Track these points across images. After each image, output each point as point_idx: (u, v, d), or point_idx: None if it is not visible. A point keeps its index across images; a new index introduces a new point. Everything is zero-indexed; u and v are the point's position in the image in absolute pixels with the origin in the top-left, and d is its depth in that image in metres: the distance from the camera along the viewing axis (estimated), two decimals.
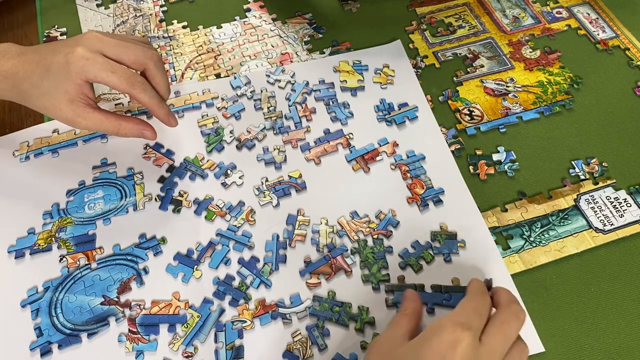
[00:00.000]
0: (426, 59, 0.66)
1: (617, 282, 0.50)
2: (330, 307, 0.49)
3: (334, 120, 0.61)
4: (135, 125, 0.53)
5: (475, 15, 0.71)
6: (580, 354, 0.46)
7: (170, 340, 0.47)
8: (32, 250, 0.52)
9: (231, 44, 0.69)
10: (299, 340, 0.47)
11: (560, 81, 0.64)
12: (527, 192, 0.55)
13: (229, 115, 0.61)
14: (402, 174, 0.57)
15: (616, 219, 0.53)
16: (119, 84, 0.49)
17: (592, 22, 0.69)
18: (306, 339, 0.47)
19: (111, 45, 0.50)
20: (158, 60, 0.52)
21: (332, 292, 0.49)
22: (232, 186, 0.56)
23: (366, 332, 0.47)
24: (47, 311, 0.49)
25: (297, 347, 0.47)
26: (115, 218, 0.54)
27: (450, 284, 0.49)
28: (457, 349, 0.35)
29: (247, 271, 0.51)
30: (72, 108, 0.50)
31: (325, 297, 0.49)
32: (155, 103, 0.52)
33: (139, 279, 0.50)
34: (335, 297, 0.49)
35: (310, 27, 0.70)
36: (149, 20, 0.71)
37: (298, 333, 0.47)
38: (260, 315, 0.48)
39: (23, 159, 0.58)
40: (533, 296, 0.49)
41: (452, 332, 0.36)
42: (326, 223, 0.53)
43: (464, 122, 0.61)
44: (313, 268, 0.51)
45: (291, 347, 0.47)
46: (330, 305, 0.49)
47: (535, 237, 0.52)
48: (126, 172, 0.57)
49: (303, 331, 0.48)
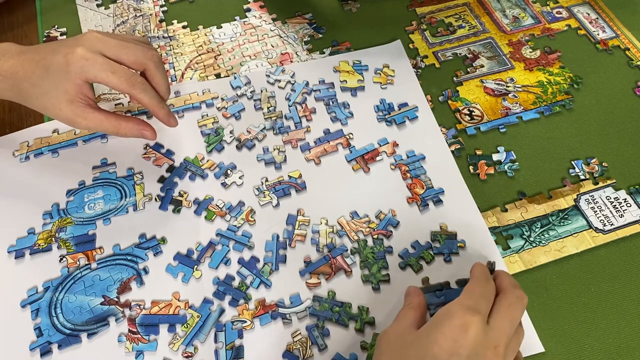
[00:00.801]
0: (426, 59, 0.66)
1: (617, 282, 0.50)
2: (330, 307, 0.49)
3: (334, 120, 0.61)
4: (135, 126, 0.52)
5: (475, 15, 0.71)
6: (580, 354, 0.46)
7: (170, 340, 0.47)
8: (32, 250, 0.52)
9: (231, 44, 0.69)
10: (298, 340, 0.47)
11: (560, 81, 0.64)
12: (527, 192, 0.55)
13: (229, 115, 0.61)
14: (402, 174, 0.57)
15: (616, 219, 0.53)
16: (119, 84, 0.49)
17: (592, 22, 0.69)
18: (306, 339, 0.47)
19: (111, 45, 0.50)
20: (158, 61, 0.52)
21: (332, 292, 0.49)
22: (232, 186, 0.56)
23: (366, 332, 0.47)
24: (47, 311, 0.49)
25: (297, 347, 0.47)
26: (115, 218, 0.54)
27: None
28: (469, 333, 0.36)
29: (247, 271, 0.51)
30: (71, 108, 0.50)
31: (325, 297, 0.49)
32: (155, 103, 0.52)
33: (139, 279, 0.50)
34: (335, 297, 0.49)
35: (310, 27, 0.70)
36: (149, 20, 0.71)
37: (298, 333, 0.47)
38: (260, 315, 0.48)
39: (23, 159, 0.58)
40: (533, 296, 0.49)
41: (462, 317, 0.37)
42: (326, 223, 0.53)
43: (464, 122, 0.61)
44: (313, 268, 0.51)
45: (291, 347, 0.47)
46: (330, 305, 0.49)
47: (535, 237, 0.52)
48: (126, 172, 0.57)
49: (303, 331, 0.47)
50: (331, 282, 0.50)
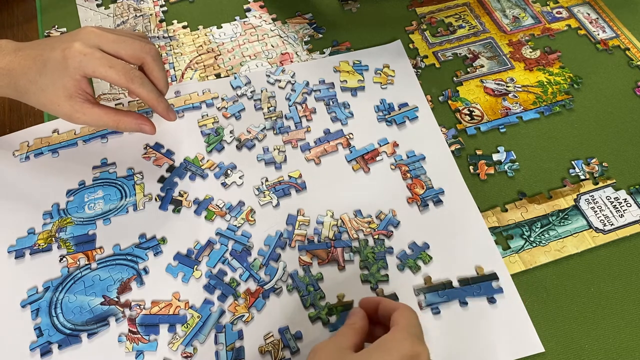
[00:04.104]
0: (426, 59, 0.66)
1: (617, 282, 0.50)
2: (308, 283, 0.50)
3: (334, 120, 0.61)
4: (134, 120, 0.52)
5: (475, 15, 0.71)
6: (580, 354, 0.46)
7: (169, 340, 0.47)
8: (32, 250, 0.52)
9: (231, 44, 0.69)
10: (270, 343, 0.47)
11: (560, 81, 0.64)
12: (527, 192, 0.55)
13: (229, 115, 0.61)
14: (402, 174, 0.57)
15: (616, 219, 0.53)
16: (118, 78, 0.49)
17: (592, 22, 0.69)
18: (278, 341, 0.47)
19: (109, 40, 0.50)
20: (156, 55, 0.52)
21: (320, 274, 0.50)
22: (232, 186, 0.56)
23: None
24: (47, 311, 0.49)
25: (269, 350, 0.47)
26: (115, 218, 0.54)
27: (475, 274, 0.50)
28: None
29: (237, 263, 0.51)
30: (70, 104, 0.49)
31: (312, 275, 0.50)
32: (154, 97, 0.51)
33: (139, 279, 0.50)
34: (319, 281, 0.50)
35: (310, 27, 0.70)
36: (149, 20, 0.71)
37: (270, 335, 0.47)
38: (253, 303, 0.49)
39: (23, 159, 0.58)
40: (533, 296, 0.49)
41: (410, 347, 0.36)
42: (332, 215, 0.54)
43: (464, 122, 0.61)
44: (311, 247, 0.52)
45: (263, 349, 0.47)
46: (310, 282, 0.50)
47: (535, 237, 0.52)
48: (126, 172, 0.57)
49: (276, 334, 0.48)
50: (322, 268, 0.51)
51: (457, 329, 0.47)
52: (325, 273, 0.50)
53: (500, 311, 0.48)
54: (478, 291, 0.49)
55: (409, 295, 0.49)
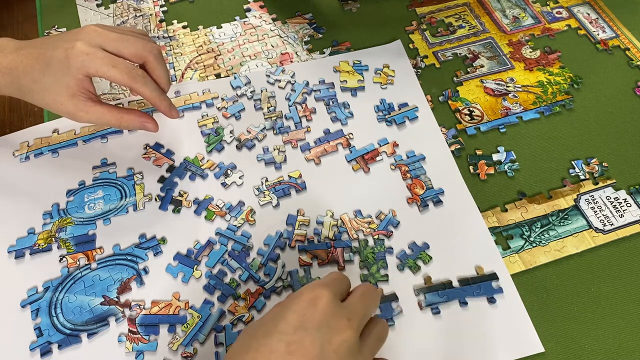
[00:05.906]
0: (426, 59, 0.66)
1: (617, 282, 0.50)
2: (305, 282, 0.50)
3: (334, 120, 0.61)
4: (137, 118, 0.52)
5: (475, 15, 0.71)
6: (580, 354, 0.46)
7: (169, 341, 0.47)
8: (32, 250, 0.52)
9: (231, 44, 0.69)
10: None
11: (560, 81, 0.64)
12: (527, 192, 0.55)
13: (229, 115, 0.61)
14: (402, 174, 0.57)
15: (616, 219, 0.53)
16: (120, 78, 0.49)
17: (592, 22, 0.69)
18: None
19: (111, 39, 0.50)
20: (158, 53, 0.52)
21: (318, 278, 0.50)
22: (232, 186, 0.56)
23: None
24: (47, 311, 0.49)
25: None
26: (115, 218, 0.54)
27: (475, 274, 0.50)
28: (318, 305, 0.36)
29: (236, 264, 0.51)
30: (73, 102, 0.50)
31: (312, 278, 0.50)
32: (157, 96, 0.52)
33: (139, 279, 0.50)
34: None
35: (310, 27, 0.70)
36: (149, 20, 0.71)
37: None
38: (253, 303, 0.49)
39: (23, 159, 0.58)
40: (533, 296, 0.49)
41: (311, 291, 0.37)
42: (331, 216, 0.54)
43: (464, 122, 0.61)
44: (311, 248, 0.52)
45: None
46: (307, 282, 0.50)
47: (535, 237, 0.52)
48: (126, 172, 0.57)
49: None
50: (322, 269, 0.51)
51: (457, 329, 0.47)
52: (325, 273, 0.50)
53: (500, 311, 0.48)
54: (478, 291, 0.49)
55: (409, 295, 0.49)
